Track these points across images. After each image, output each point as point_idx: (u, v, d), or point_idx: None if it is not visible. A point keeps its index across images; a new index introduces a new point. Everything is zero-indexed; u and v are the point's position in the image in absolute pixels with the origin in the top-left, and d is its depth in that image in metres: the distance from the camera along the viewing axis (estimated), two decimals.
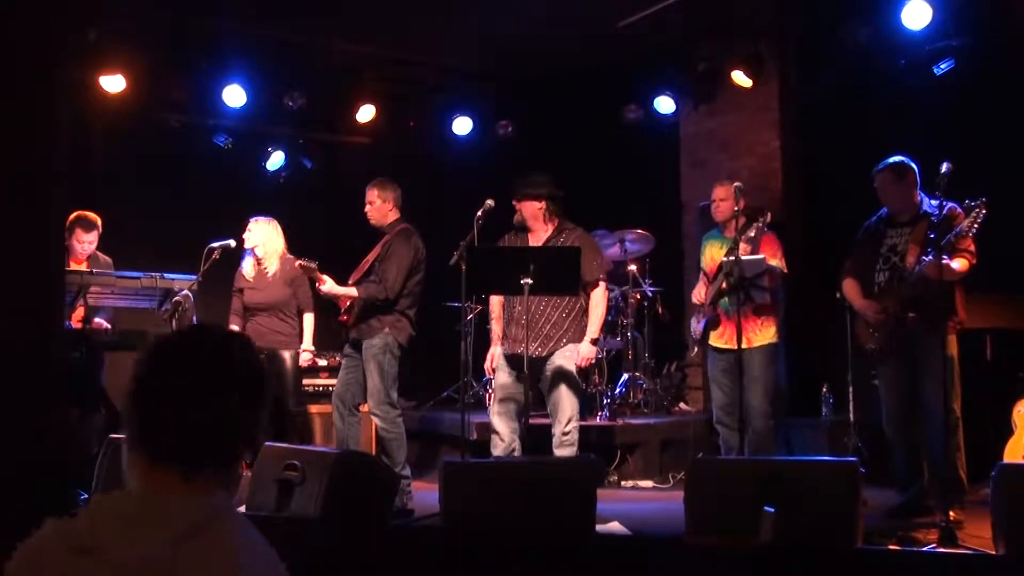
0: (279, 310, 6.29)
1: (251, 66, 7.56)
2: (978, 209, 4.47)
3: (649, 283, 7.59)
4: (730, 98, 7.80)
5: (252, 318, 6.30)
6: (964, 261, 4.69)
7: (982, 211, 4.47)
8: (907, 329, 4.82)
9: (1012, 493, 3.47)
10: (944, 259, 4.52)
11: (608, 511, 4.88)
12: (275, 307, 6.28)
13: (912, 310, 4.77)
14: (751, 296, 5.28)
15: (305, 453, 4.10)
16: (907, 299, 4.79)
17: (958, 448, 4.79)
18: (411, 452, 5.90)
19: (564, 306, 5.24)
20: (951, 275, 4.65)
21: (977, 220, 4.47)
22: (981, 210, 4.47)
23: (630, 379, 7.42)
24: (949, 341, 4.79)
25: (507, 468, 4.43)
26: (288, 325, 6.33)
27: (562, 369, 5.18)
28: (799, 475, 3.69)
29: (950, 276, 4.65)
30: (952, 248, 4.62)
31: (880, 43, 6.60)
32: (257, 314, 6.29)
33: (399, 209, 5.70)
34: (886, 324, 4.91)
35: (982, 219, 4.47)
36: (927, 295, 4.64)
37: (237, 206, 7.40)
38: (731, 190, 5.42)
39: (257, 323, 6.27)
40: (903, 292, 4.80)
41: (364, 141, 8.70)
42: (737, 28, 7.54)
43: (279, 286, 6.25)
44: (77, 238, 5.93)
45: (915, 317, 4.76)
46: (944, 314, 4.74)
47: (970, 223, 4.49)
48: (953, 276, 4.68)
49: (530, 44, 7.75)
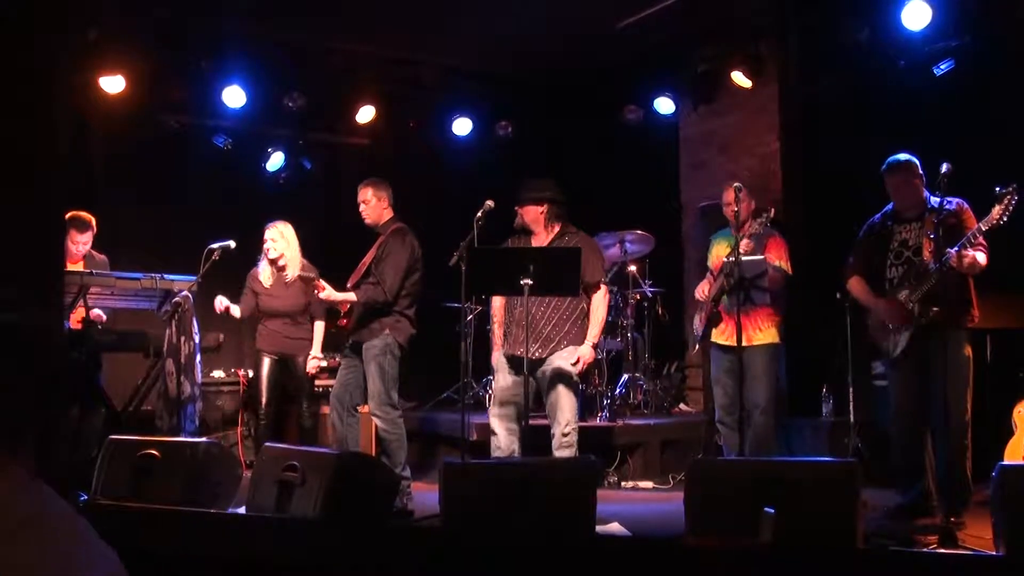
0: (295, 316, 6.32)
1: (251, 66, 7.56)
2: (1010, 196, 4.42)
3: (649, 284, 7.59)
4: (730, 99, 7.80)
5: (266, 322, 6.33)
6: (984, 253, 4.66)
7: (1014, 198, 4.42)
8: (931, 323, 4.74)
9: (1012, 494, 3.46)
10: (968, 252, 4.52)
11: (608, 511, 4.88)
12: (292, 314, 6.31)
13: (934, 305, 4.70)
14: (751, 297, 5.28)
15: (305, 454, 4.09)
16: (928, 294, 4.74)
17: (967, 449, 4.78)
18: (411, 453, 5.90)
19: (565, 308, 5.24)
20: (977, 267, 4.63)
21: (1009, 207, 4.42)
22: (1013, 197, 4.42)
23: (630, 380, 7.42)
24: (966, 339, 4.79)
25: (507, 468, 4.42)
26: (303, 331, 6.36)
27: (561, 371, 5.18)
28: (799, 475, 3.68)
29: (975, 269, 4.64)
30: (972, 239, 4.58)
31: (880, 43, 6.61)
32: (272, 319, 6.31)
33: (393, 208, 5.70)
34: (910, 320, 4.84)
35: (1014, 206, 4.42)
36: (948, 289, 4.61)
37: (237, 207, 7.42)
38: (732, 191, 5.44)
39: (271, 328, 6.29)
40: (926, 286, 4.74)
41: (364, 142, 8.71)
42: (737, 28, 7.54)
43: (297, 293, 6.29)
44: (72, 239, 5.91)
45: (938, 312, 4.66)
46: (965, 307, 4.73)
47: (1001, 211, 4.44)
48: (978, 268, 4.66)
49: (530, 44, 7.75)
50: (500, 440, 5.23)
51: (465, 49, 8.09)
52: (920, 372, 4.89)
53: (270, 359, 6.29)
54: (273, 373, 6.28)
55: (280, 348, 6.29)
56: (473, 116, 8.60)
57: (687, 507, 3.75)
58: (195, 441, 4.62)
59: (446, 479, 3.92)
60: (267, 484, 4.02)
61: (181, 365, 5.68)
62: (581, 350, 5.20)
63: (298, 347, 6.32)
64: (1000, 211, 4.45)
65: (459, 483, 3.93)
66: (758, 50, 7.45)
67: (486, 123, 8.68)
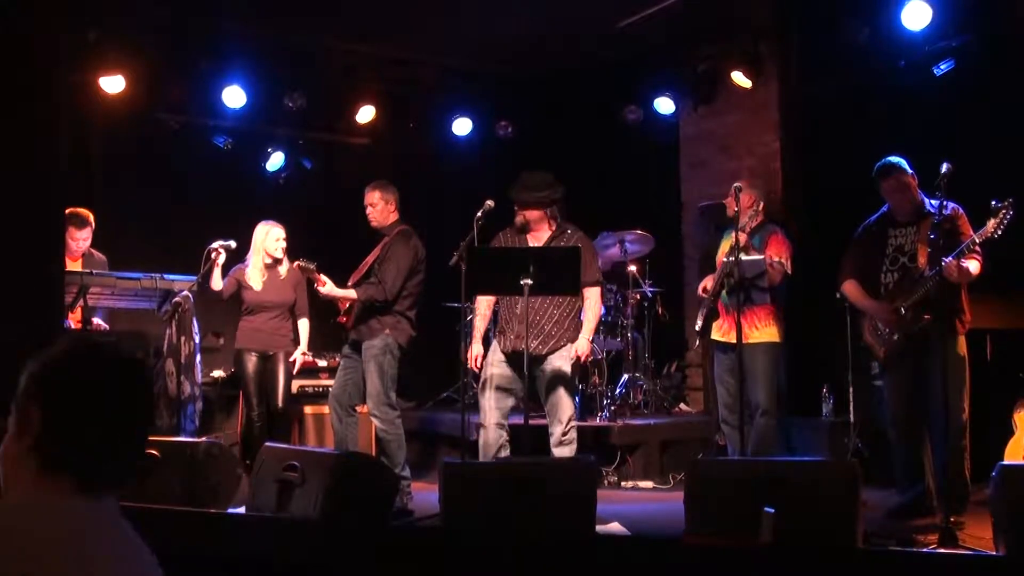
0: (282, 312, 6.32)
1: (251, 66, 7.55)
2: (1004, 211, 4.44)
3: (649, 284, 7.58)
4: (730, 98, 7.80)
5: (247, 319, 6.31)
6: (977, 262, 4.68)
7: (1009, 212, 4.44)
8: (923, 330, 4.78)
9: (1012, 494, 3.46)
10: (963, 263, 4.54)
11: (608, 511, 4.88)
12: (280, 307, 6.32)
13: (927, 311, 4.74)
14: (751, 297, 5.28)
15: (305, 454, 4.10)
16: (921, 300, 4.76)
17: (965, 449, 4.78)
18: (411, 452, 5.90)
19: (565, 305, 5.25)
20: (969, 277, 4.65)
21: (1003, 222, 4.45)
22: (1008, 211, 4.44)
23: (630, 380, 7.42)
24: (960, 341, 4.80)
25: (507, 468, 4.43)
26: (285, 327, 6.38)
27: (560, 371, 5.19)
28: (799, 475, 3.69)
29: (968, 278, 4.65)
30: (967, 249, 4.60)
31: (880, 43, 6.60)
32: (254, 315, 6.30)
33: (399, 210, 5.71)
34: (901, 326, 4.87)
35: (1009, 219, 4.44)
36: (941, 296, 4.63)
37: (237, 207, 7.41)
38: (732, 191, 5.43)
39: (254, 324, 6.28)
40: (919, 293, 4.76)
41: (364, 141, 8.70)
42: (737, 28, 7.54)
43: (287, 288, 6.32)
44: (71, 235, 5.90)
45: (930, 318, 4.71)
46: (956, 314, 4.74)
47: (995, 224, 4.46)
48: (971, 278, 4.68)
49: (530, 44, 7.75)
50: (490, 434, 5.17)
51: (465, 49, 8.08)
52: (913, 375, 4.91)
53: (253, 356, 6.28)
54: (259, 371, 6.28)
55: (262, 345, 6.28)
56: (473, 116, 8.59)
57: (687, 507, 3.75)
58: (195, 441, 4.63)
59: (446, 479, 3.92)
60: (267, 483, 4.03)
61: (181, 365, 5.68)
62: (578, 345, 5.22)
63: (279, 343, 6.32)
64: (995, 224, 4.47)
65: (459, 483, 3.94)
66: (758, 50, 7.44)
67: (486, 123, 8.67)
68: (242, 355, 6.29)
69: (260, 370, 6.28)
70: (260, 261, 6.29)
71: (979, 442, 4.95)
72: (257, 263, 6.28)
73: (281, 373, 6.31)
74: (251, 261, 6.30)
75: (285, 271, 6.31)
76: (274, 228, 6.32)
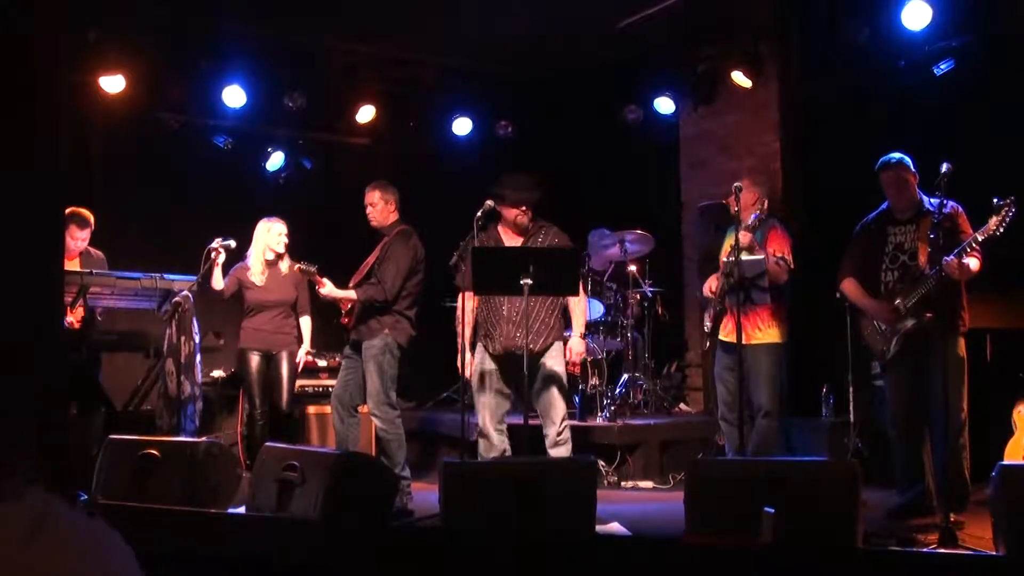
0: (284, 310, 6.33)
1: (251, 66, 7.56)
2: (1007, 208, 4.44)
3: (649, 284, 7.58)
4: (730, 98, 7.80)
5: (250, 319, 6.32)
6: (977, 260, 4.68)
7: (1011, 210, 4.44)
8: (923, 330, 4.78)
9: (1012, 494, 3.46)
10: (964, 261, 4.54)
11: (608, 511, 4.88)
12: (282, 305, 6.32)
13: (928, 310, 4.73)
14: (751, 297, 5.28)
15: (305, 454, 4.10)
16: (922, 299, 4.76)
17: (964, 448, 4.79)
18: (411, 452, 5.90)
19: (549, 304, 5.28)
20: (969, 274, 4.65)
21: (1006, 220, 4.44)
22: (1010, 209, 4.44)
23: (630, 380, 7.42)
24: (960, 341, 4.80)
25: (507, 468, 4.43)
26: (288, 326, 6.38)
27: (552, 371, 5.21)
28: (799, 475, 3.69)
29: (968, 275, 4.65)
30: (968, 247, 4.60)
31: (880, 43, 6.60)
32: (256, 315, 6.30)
33: (399, 210, 5.71)
34: (902, 325, 4.87)
35: (1011, 217, 4.44)
36: (942, 294, 4.62)
37: (237, 207, 7.41)
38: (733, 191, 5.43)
39: (256, 324, 6.28)
40: (919, 292, 4.76)
41: (364, 141, 8.71)
42: (737, 28, 7.54)
43: (289, 286, 6.33)
44: (71, 234, 5.90)
45: (932, 316, 4.71)
46: (957, 313, 4.74)
47: (997, 222, 4.46)
48: (971, 275, 4.68)
49: (530, 44, 7.75)
50: (492, 439, 5.23)
51: (465, 49, 8.08)
52: (913, 374, 4.90)
53: (256, 356, 6.28)
54: (262, 371, 6.28)
55: (265, 344, 6.28)
56: (473, 116, 8.59)
57: (687, 507, 3.75)
58: (195, 441, 4.63)
59: (446, 479, 3.93)
60: (267, 483, 4.03)
61: (181, 365, 5.68)
62: (572, 344, 5.23)
63: (282, 342, 6.33)
64: (997, 222, 4.47)
65: (459, 483, 3.94)
66: (758, 50, 7.44)
67: (486, 123, 8.67)
68: (245, 354, 6.30)
69: (263, 369, 6.29)
70: (262, 256, 6.30)
71: (979, 442, 4.95)
72: (259, 258, 6.30)
73: (285, 373, 6.31)
74: (253, 257, 6.31)
75: (286, 268, 6.31)
76: (276, 223, 6.33)
